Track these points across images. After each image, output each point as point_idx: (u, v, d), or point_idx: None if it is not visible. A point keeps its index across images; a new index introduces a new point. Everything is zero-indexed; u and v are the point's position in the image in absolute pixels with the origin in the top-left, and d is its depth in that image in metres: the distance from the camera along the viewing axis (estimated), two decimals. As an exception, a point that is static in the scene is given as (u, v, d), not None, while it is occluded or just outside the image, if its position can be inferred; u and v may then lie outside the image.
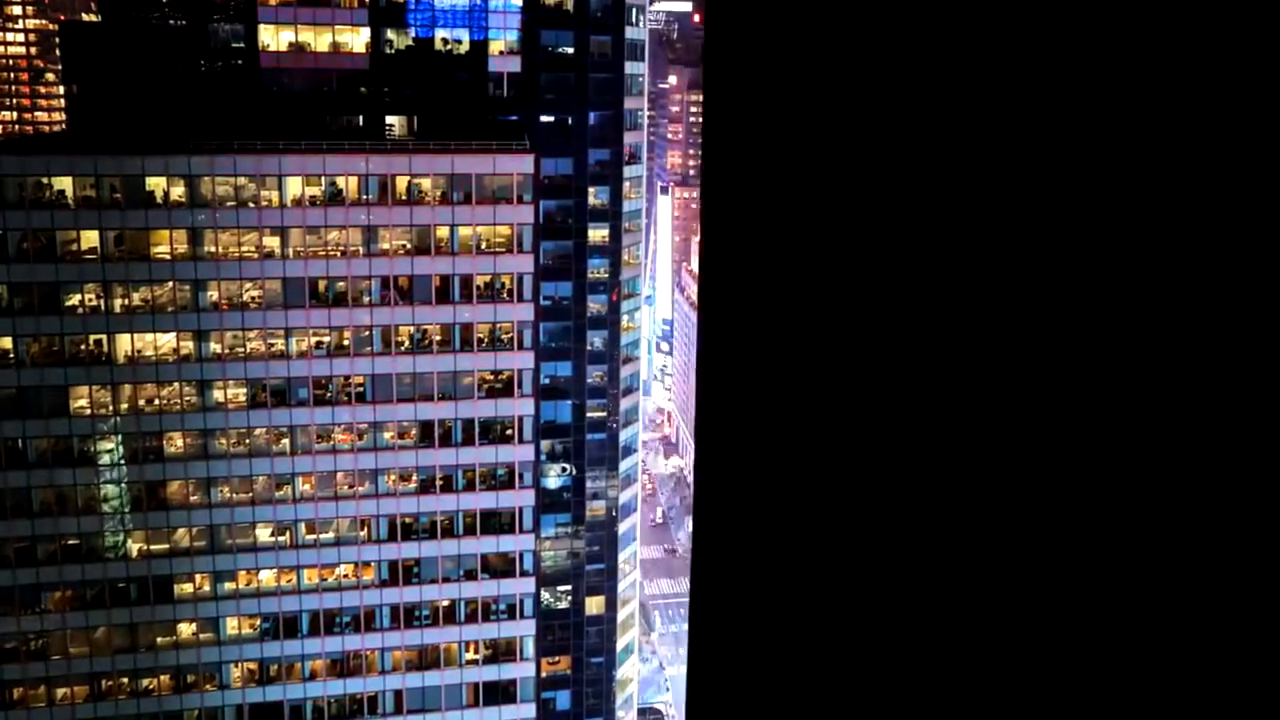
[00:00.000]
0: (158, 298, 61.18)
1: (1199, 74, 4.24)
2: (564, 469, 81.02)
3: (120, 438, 61.90)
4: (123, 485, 62.45)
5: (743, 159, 7.41)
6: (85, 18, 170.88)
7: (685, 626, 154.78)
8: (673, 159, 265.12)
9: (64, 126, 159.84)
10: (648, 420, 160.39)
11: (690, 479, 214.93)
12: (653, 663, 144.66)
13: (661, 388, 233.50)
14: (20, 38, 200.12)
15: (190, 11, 71.10)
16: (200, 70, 71.51)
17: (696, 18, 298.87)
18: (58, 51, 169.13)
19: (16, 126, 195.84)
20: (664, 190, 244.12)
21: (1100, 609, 5.42)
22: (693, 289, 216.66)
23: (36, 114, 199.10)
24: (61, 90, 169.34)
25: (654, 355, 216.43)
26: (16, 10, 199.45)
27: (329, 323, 63.27)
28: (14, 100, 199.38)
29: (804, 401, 7.10)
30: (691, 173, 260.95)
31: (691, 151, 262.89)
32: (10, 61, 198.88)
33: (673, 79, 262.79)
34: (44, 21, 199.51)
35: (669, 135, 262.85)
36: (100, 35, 78.28)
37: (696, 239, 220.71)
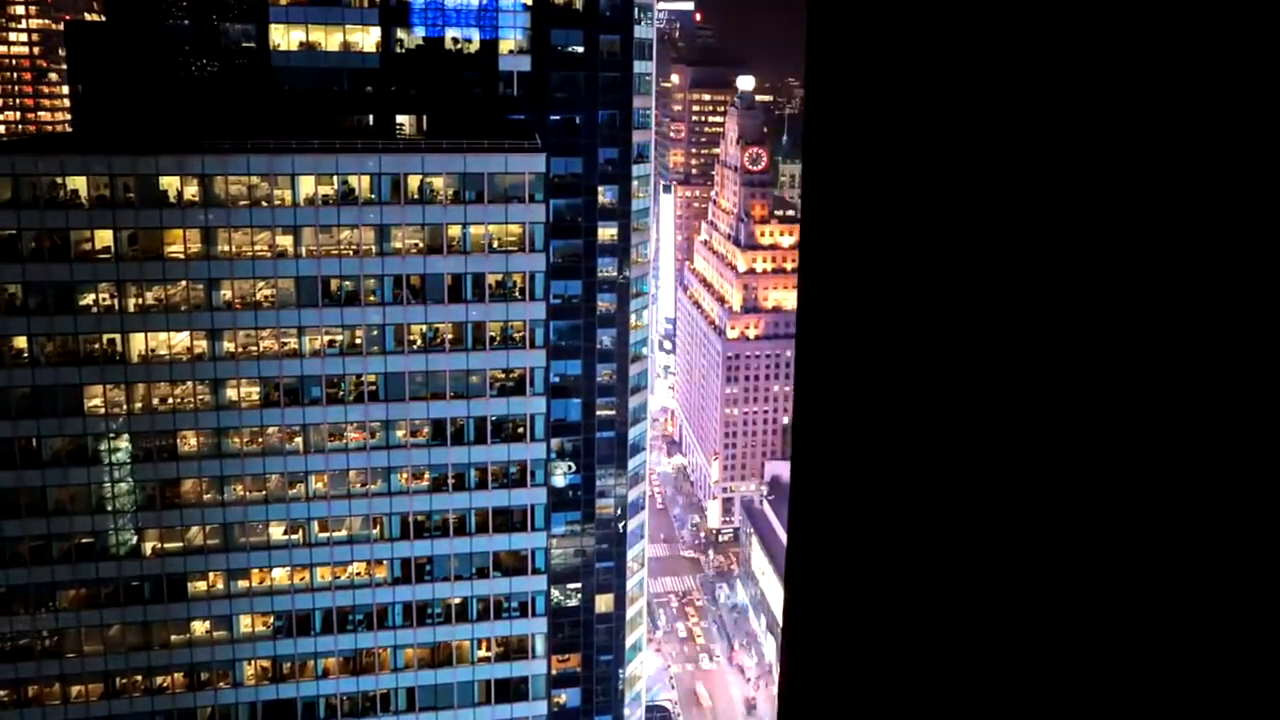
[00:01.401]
0: (171, 297, 61.35)
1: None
2: (569, 467, 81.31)
3: (134, 436, 62.07)
4: (136, 484, 62.62)
5: (844, 174, 7.57)
6: (88, 17, 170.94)
7: (689, 625, 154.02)
8: (675, 158, 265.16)
9: (68, 126, 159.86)
10: (651, 418, 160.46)
11: (692, 478, 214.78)
12: (658, 660, 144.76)
13: (664, 386, 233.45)
14: (23, 37, 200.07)
15: (199, 11, 71.30)
16: (210, 70, 71.72)
17: (698, 16, 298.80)
18: (61, 51, 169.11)
19: (20, 126, 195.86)
20: (666, 189, 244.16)
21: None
22: (695, 287, 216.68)
23: (40, 114, 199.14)
24: (65, 90, 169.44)
25: (656, 354, 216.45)
26: (19, 10, 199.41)
27: (341, 321, 63.46)
28: (17, 100, 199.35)
29: (903, 406, 7.26)
30: (694, 171, 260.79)
31: (694, 150, 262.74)
32: (13, 61, 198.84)
33: (675, 78, 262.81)
34: (47, 21, 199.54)
35: (671, 134, 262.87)
36: (106, 35, 78.45)
37: (700, 238, 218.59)
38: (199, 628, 64.75)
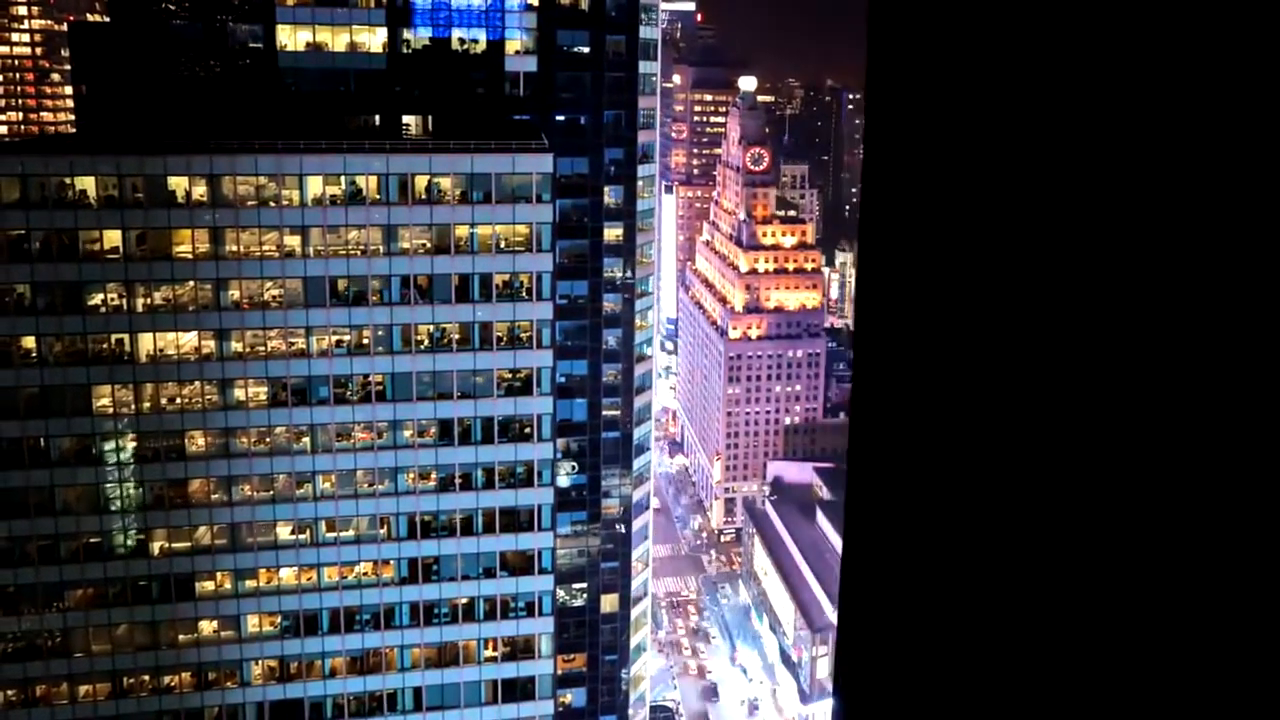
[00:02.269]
0: (179, 297, 61.42)
1: None
2: (572, 467, 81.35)
3: (142, 436, 62.10)
4: (144, 483, 62.67)
5: (904, 174, 7.63)
6: (90, 18, 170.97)
7: (691, 625, 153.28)
8: (676, 158, 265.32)
9: (70, 127, 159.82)
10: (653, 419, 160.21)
11: (694, 478, 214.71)
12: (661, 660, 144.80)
13: (666, 386, 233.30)
14: (26, 38, 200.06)
15: (204, 12, 71.35)
16: (216, 70, 71.76)
17: (700, 17, 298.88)
18: (64, 51, 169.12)
19: (22, 127, 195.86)
20: (668, 189, 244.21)
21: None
22: (697, 288, 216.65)
23: (42, 114, 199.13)
24: (68, 90, 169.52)
25: (658, 354, 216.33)
26: (22, 10, 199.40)
27: (349, 321, 63.52)
28: (19, 100, 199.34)
29: (960, 408, 7.31)
30: (696, 171, 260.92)
31: (695, 150, 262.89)
32: (16, 62, 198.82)
33: (676, 78, 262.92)
34: (49, 22, 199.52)
35: (673, 134, 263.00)
36: (111, 35, 78.43)
37: (701, 238, 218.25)
38: (206, 627, 64.80)
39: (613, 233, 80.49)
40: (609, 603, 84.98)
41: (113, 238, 60.28)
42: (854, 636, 9.21)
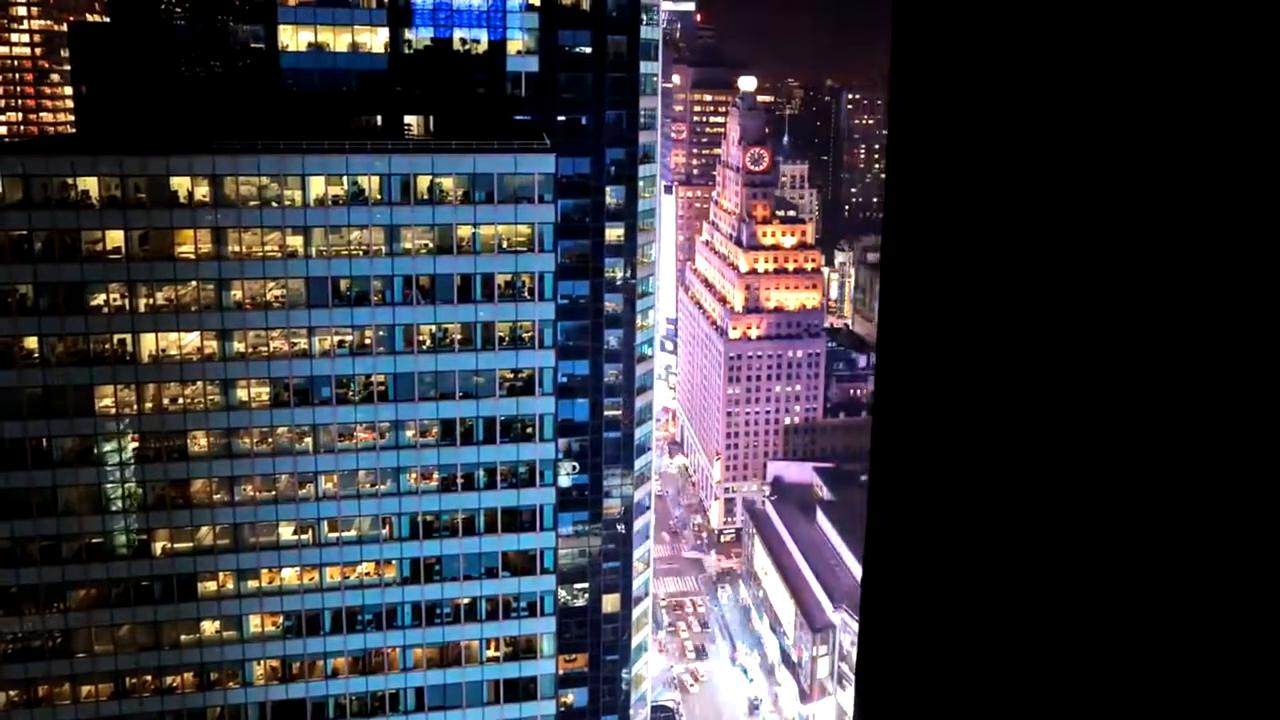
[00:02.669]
0: (181, 297, 61.43)
1: None
2: (573, 467, 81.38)
3: (144, 436, 62.12)
4: (147, 484, 62.67)
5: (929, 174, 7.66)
6: (90, 18, 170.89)
7: (693, 625, 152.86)
8: (676, 158, 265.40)
9: (70, 128, 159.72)
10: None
11: (694, 478, 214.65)
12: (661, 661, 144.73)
13: (665, 386, 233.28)
14: (25, 38, 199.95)
15: (205, 12, 71.37)
16: (217, 70, 71.77)
17: (699, 17, 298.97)
18: (64, 52, 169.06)
19: (22, 127, 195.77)
20: (667, 189, 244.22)
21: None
22: (697, 288, 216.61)
23: (41, 115, 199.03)
24: (68, 91, 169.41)
25: (658, 354, 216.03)
26: (21, 11, 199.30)
27: (351, 321, 63.52)
28: (19, 101, 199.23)
29: (986, 409, 7.34)
30: (695, 172, 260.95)
31: (695, 150, 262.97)
32: (15, 62, 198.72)
33: (676, 79, 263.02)
34: (49, 22, 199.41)
35: (673, 134, 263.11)
36: (111, 35, 78.37)
37: (701, 238, 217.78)
38: (209, 628, 64.81)
39: (614, 233, 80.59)
40: (610, 603, 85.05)
41: (115, 238, 60.29)
42: (876, 635, 9.24)
